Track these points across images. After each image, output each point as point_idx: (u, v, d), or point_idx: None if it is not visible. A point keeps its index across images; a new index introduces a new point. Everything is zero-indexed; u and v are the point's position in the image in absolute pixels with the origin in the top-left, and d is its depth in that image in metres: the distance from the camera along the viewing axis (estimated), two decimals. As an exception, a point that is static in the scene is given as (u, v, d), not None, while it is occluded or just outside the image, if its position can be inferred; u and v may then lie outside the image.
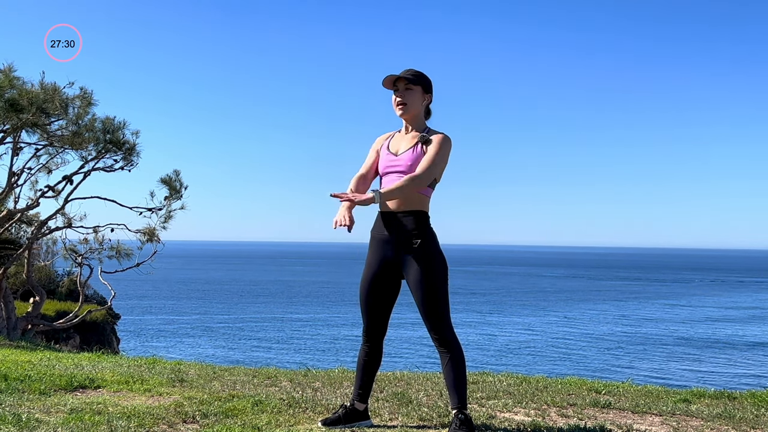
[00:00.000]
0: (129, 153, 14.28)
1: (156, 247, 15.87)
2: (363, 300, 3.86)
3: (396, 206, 3.73)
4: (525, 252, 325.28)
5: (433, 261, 3.68)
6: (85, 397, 4.51)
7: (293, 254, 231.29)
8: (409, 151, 3.78)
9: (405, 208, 3.72)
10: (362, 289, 3.87)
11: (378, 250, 3.80)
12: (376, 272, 3.80)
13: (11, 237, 17.52)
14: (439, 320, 3.66)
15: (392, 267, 3.77)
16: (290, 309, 57.10)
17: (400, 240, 3.72)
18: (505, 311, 57.03)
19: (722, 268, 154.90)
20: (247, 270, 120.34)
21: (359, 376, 3.92)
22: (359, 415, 3.87)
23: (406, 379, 5.56)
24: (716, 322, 51.46)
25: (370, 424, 3.88)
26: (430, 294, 3.64)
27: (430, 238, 3.73)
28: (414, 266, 3.68)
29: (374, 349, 3.90)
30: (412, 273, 3.68)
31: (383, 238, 3.78)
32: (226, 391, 4.75)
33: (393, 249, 3.75)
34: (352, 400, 3.91)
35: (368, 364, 3.91)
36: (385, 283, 3.82)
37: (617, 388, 5.31)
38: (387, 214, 3.77)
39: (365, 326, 3.89)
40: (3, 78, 11.88)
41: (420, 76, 3.80)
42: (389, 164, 3.81)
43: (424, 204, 3.76)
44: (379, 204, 3.75)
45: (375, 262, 3.81)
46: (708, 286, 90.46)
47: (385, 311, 3.87)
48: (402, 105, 3.80)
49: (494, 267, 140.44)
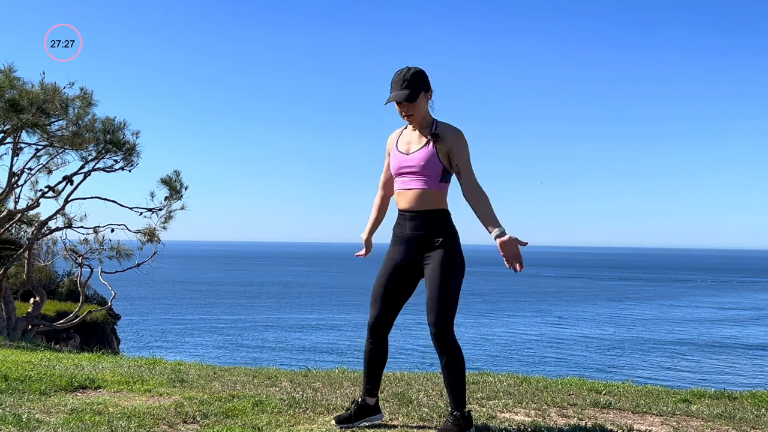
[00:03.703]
0: (129, 153, 14.28)
1: (156, 248, 15.87)
2: (378, 291, 3.84)
3: (416, 205, 3.73)
4: (524, 252, 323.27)
5: (452, 257, 3.69)
6: (86, 398, 4.51)
7: (294, 255, 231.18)
8: (420, 150, 3.74)
9: (426, 207, 3.72)
10: (378, 284, 3.85)
11: (400, 247, 3.80)
12: (397, 267, 3.80)
13: (11, 237, 17.53)
14: (442, 316, 3.64)
15: (413, 265, 3.77)
16: (290, 309, 57.08)
17: (422, 240, 3.73)
18: (504, 311, 56.99)
19: (722, 268, 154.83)
20: (248, 270, 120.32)
21: (366, 372, 3.93)
22: (370, 410, 3.89)
23: (406, 379, 5.56)
24: (716, 323, 51.46)
25: (381, 418, 3.91)
26: (443, 287, 3.64)
27: (452, 236, 3.74)
28: (434, 260, 3.68)
29: (379, 344, 3.89)
30: (431, 266, 3.69)
31: (406, 237, 3.78)
32: (227, 392, 4.75)
33: (415, 248, 3.75)
34: (363, 395, 3.92)
35: (374, 359, 3.90)
36: (404, 279, 3.82)
37: (617, 388, 5.30)
38: (409, 213, 3.76)
39: (372, 320, 3.87)
40: (3, 78, 11.88)
41: (416, 85, 3.70)
42: (401, 164, 3.79)
43: (443, 202, 3.76)
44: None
45: (397, 258, 3.81)
46: (708, 287, 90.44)
47: (396, 307, 3.87)
48: (409, 117, 3.77)
49: (493, 267, 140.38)
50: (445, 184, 3.77)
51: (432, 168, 3.70)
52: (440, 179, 3.73)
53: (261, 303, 62.38)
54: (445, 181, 3.76)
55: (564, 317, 53.50)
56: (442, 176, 3.73)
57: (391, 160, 3.87)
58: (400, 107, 3.75)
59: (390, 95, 3.74)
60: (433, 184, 3.71)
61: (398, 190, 3.82)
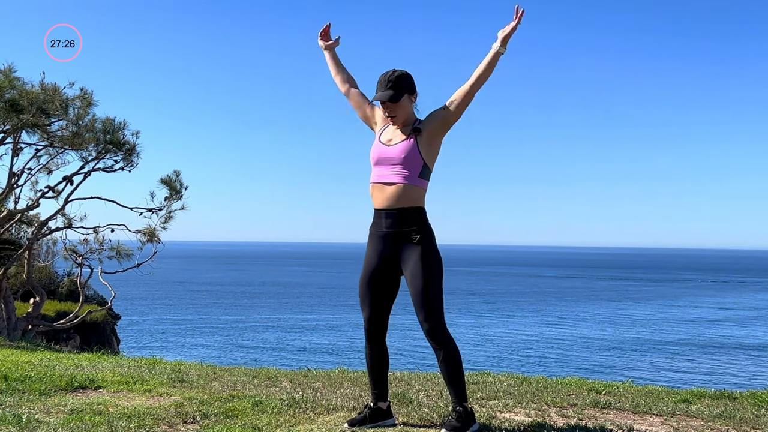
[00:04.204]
0: (129, 153, 14.29)
1: (156, 248, 15.86)
2: (363, 296, 3.89)
3: (395, 203, 3.76)
4: (523, 252, 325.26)
5: (430, 254, 3.73)
6: (86, 398, 4.51)
7: (293, 255, 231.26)
8: (402, 143, 3.81)
9: (403, 205, 3.76)
10: (362, 285, 3.90)
11: (377, 246, 3.83)
12: (375, 268, 3.84)
13: (11, 237, 17.53)
14: (432, 312, 3.68)
15: (391, 262, 3.80)
16: (290, 310, 57.08)
17: (399, 235, 3.76)
18: (504, 311, 57.00)
19: (722, 268, 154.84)
20: (248, 271, 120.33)
21: (371, 378, 3.96)
22: (383, 414, 3.90)
23: (406, 379, 5.57)
24: (716, 323, 51.46)
25: (394, 423, 3.91)
26: (426, 285, 3.68)
27: (428, 234, 3.78)
28: (412, 259, 3.72)
29: (378, 349, 3.92)
30: (410, 266, 3.72)
31: (382, 234, 3.81)
32: (227, 392, 4.75)
33: (392, 244, 3.78)
34: (374, 400, 3.93)
35: (376, 364, 3.93)
36: (384, 278, 3.85)
37: (617, 388, 5.31)
38: (386, 211, 3.80)
39: (366, 325, 3.90)
40: (3, 78, 11.89)
41: (400, 87, 3.82)
42: (381, 154, 3.84)
43: (421, 200, 3.80)
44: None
45: (374, 258, 3.84)
46: (708, 287, 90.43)
47: (385, 308, 3.89)
48: (392, 118, 3.87)
49: (492, 267, 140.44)
50: (424, 181, 3.81)
51: (412, 161, 3.76)
52: (420, 174, 3.77)
53: (261, 303, 62.37)
54: (424, 177, 3.80)
55: (564, 317, 53.49)
56: (421, 172, 3.77)
57: (372, 149, 3.91)
58: (384, 107, 3.86)
59: (375, 95, 3.86)
60: (412, 179, 3.76)
61: (375, 184, 3.84)
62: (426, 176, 3.81)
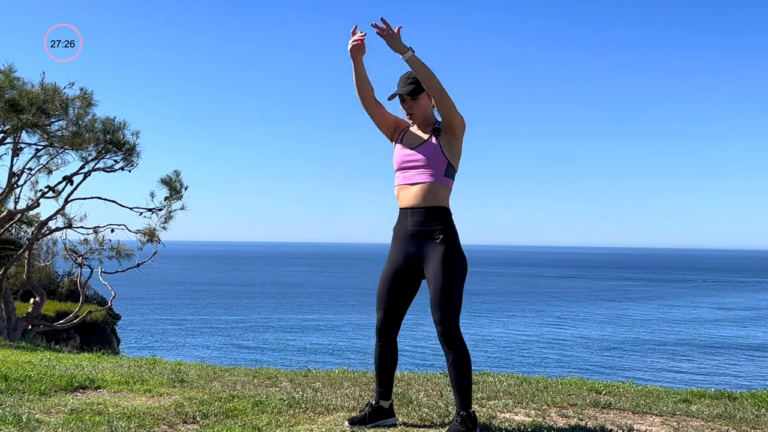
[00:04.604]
0: (129, 153, 14.28)
1: (156, 248, 15.85)
2: (382, 294, 3.88)
3: (421, 201, 3.76)
4: (523, 252, 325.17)
5: (453, 254, 3.71)
6: (86, 398, 4.51)
7: (293, 255, 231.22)
8: (425, 144, 3.81)
9: (429, 203, 3.75)
10: (382, 283, 3.88)
11: (401, 245, 3.83)
12: (398, 267, 3.83)
13: (11, 237, 17.53)
14: (449, 314, 3.66)
15: (415, 263, 3.79)
16: (290, 310, 57.06)
17: (424, 234, 3.75)
18: (504, 312, 56.97)
19: (722, 268, 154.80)
20: (248, 271, 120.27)
21: (377, 375, 3.95)
22: (385, 413, 3.90)
23: (407, 379, 5.56)
24: (716, 323, 51.44)
25: (395, 422, 3.90)
26: (446, 285, 3.66)
27: (452, 234, 3.77)
28: (435, 258, 3.70)
29: (388, 347, 3.92)
30: (432, 265, 3.71)
31: (407, 233, 3.81)
32: (227, 392, 4.75)
33: (416, 244, 3.78)
34: (376, 398, 3.93)
35: (384, 363, 3.93)
36: (406, 279, 3.84)
37: (617, 388, 5.31)
38: (411, 210, 3.79)
39: (379, 323, 3.90)
40: (3, 78, 11.88)
41: (420, 84, 3.80)
42: (405, 158, 3.84)
43: (446, 199, 3.80)
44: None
45: (398, 258, 3.83)
46: (708, 287, 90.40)
47: (402, 308, 3.89)
48: (411, 115, 3.88)
49: (492, 267, 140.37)
50: (450, 180, 3.81)
51: (436, 161, 3.76)
52: (445, 173, 3.78)
53: (261, 303, 62.33)
54: (449, 176, 3.81)
55: (564, 317, 53.46)
56: (446, 170, 3.78)
57: (395, 154, 3.92)
58: (404, 104, 3.87)
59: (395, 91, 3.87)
60: (438, 177, 3.77)
61: (401, 185, 3.86)
62: (451, 175, 3.81)
